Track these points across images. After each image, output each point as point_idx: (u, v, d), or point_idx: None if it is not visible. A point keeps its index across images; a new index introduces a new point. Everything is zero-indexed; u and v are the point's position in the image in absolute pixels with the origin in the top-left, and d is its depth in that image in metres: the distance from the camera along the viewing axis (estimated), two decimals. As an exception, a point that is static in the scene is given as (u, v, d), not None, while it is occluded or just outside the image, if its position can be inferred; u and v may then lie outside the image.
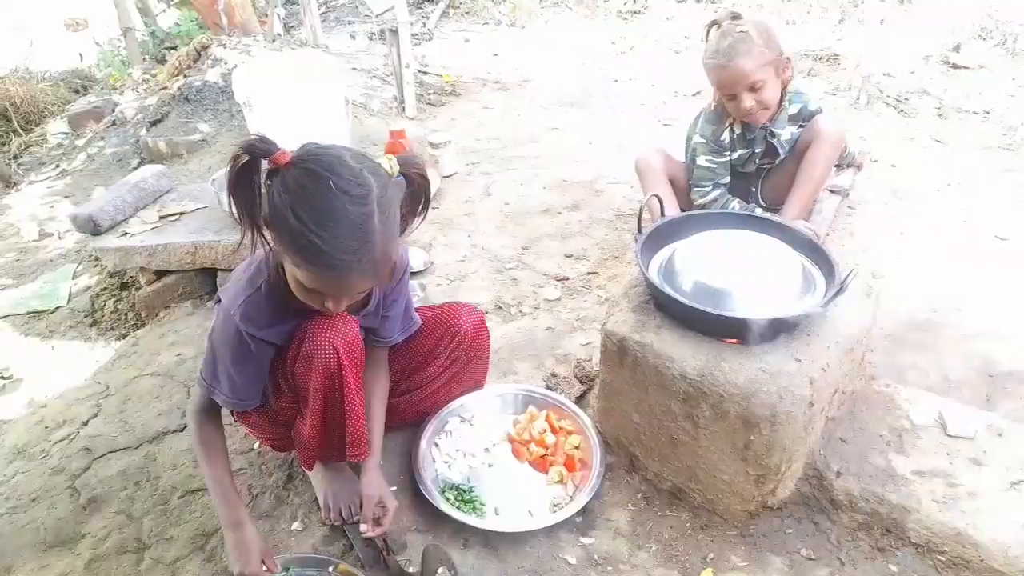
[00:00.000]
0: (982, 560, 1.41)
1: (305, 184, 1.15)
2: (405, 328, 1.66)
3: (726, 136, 2.40)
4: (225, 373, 1.42)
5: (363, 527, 1.50)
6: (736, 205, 2.46)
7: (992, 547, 1.41)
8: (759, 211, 2.46)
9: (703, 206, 2.45)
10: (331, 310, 1.30)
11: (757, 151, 2.45)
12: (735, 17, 2.23)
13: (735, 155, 2.45)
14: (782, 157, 2.47)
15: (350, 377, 1.45)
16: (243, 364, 1.42)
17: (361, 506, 1.53)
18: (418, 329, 1.70)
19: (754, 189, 2.59)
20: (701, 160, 2.43)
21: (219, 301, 1.43)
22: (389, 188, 1.22)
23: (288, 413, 1.57)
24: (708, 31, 2.29)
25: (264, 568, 1.42)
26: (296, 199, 1.15)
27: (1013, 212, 2.86)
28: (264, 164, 1.19)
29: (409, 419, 1.83)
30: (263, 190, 1.20)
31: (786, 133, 2.42)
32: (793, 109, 2.40)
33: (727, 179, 2.47)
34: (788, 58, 2.26)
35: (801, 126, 2.44)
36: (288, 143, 1.22)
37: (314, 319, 1.41)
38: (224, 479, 1.47)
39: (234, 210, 1.21)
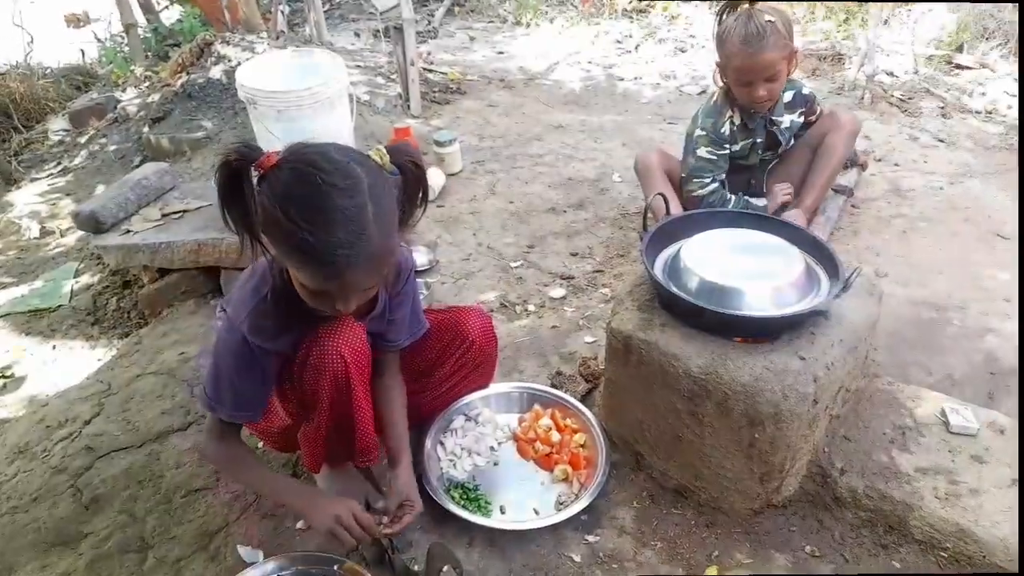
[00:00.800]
0: (984, 556, 1.42)
1: (292, 183, 1.13)
2: (413, 332, 1.64)
3: (726, 128, 2.40)
4: (229, 386, 1.39)
5: (384, 519, 1.50)
6: (733, 200, 2.46)
7: (994, 543, 1.41)
8: (767, 204, 2.48)
9: (700, 198, 2.44)
10: (341, 311, 1.27)
11: (759, 141, 2.46)
12: (752, 1, 2.20)
13: (737, 147, 2.45)
14: (784, 147, 2.48)
15: (357, 385, 1.44)
16: (248, 374, 1.38)
17: (368, 504, 1.54)
18: (426, 333, 1.68)
19: (754, 182, 2.59)
20: (702, 151, 2.43)
21: (223, 310, 1.40)
22: (380, 179, 1.19)
23: (294, 418, 1.56)
24: (722, 13, 2.26)
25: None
26: (285, 200, 1.13)
27: (1015, 211, 2.86)
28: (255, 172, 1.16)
29: (414, 421, 1.81)
30: (255, 196, 1.16)
31: (785, 121, 2.43)
32: (787, 96, 2.43)
33: (724, 174, 2.47)
34: (796, 51, 2.27)
35: (802, 113, 2.47)
36: (292, 142, 1.21)
37: (321, 327, 1.39)
38: (267, 474, 1.62)
39: (229, 221, 1.18)
